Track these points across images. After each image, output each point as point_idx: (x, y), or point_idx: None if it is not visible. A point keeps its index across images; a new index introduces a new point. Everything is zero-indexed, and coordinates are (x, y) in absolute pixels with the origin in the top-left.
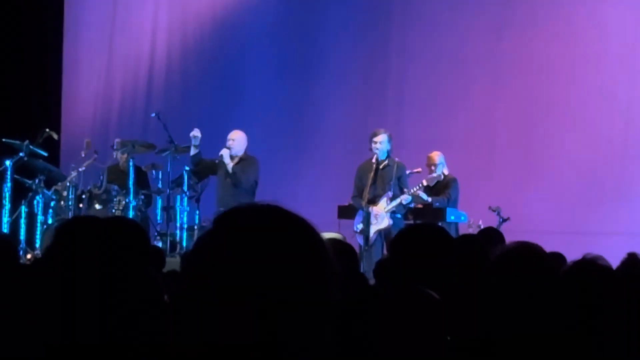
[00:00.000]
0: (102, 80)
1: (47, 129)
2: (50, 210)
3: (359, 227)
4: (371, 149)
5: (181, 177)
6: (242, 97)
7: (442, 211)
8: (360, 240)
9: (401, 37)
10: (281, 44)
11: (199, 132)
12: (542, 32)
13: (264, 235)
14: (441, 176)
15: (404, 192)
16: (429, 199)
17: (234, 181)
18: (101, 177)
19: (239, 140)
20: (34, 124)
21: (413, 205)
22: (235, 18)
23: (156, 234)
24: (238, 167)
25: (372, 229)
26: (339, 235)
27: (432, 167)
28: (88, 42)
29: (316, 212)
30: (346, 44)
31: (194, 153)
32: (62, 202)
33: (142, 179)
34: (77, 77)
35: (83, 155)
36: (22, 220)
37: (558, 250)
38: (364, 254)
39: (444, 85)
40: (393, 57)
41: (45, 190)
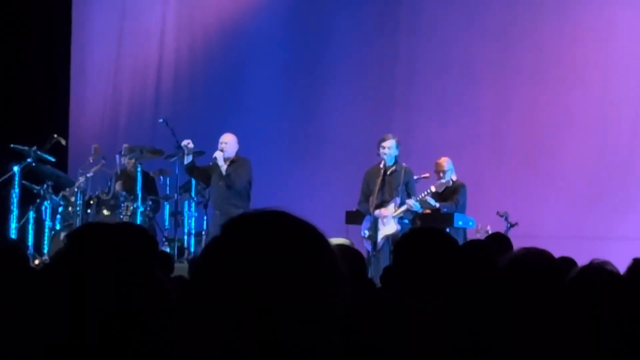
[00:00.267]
0: (110, 86)
1: (55, 135)
2: (58, 216)
3: (367, 232)
4: (379, 154)
5: (189, 182)
6: (249, 102)
7: (450, 216)
8: (368, 245)
9: (409, 43)
10: (289, 49)
11: (191, 143)
12: (550, 38)
13: (272, 241)
14: (450, 182)
15: (412, 197)
16: (437, 205)
17: (228, 183)
18: (109, 183)
19: (231, 142)
20: (41, 129)
21: (421, 211)
22: (242, 24)
23: (164, 239)
24: (231, 169)
25: (380, 235)
26: (346, 240)
27: (440, 174)
28: (96, 48)
29: (324, 217)
30: (354, 49)
31: (187, 162)
32: (70, 208)
33: (150, 185)
34: (85, 83)
35: (91, 161)
36: (30, 226)
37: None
38: (372, 259)
39: (452, 91)
40: (401, 62)
41: (53, 196)
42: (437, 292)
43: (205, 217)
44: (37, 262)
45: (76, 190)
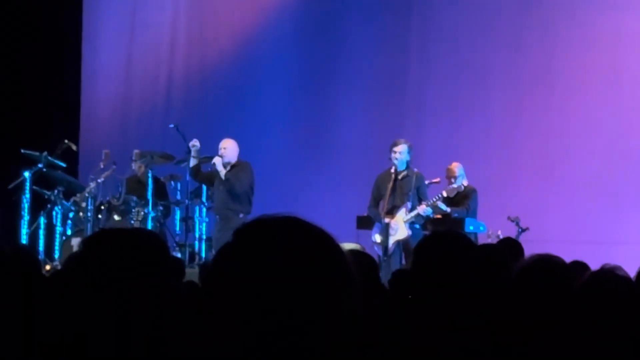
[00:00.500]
0: (120, 92)
1: (66, 140)
2: (69, 222)
3: (377, 237)
4: (391, 159)
5: (200, 188)
6: (260, 108)
7: (461, 221)
8: (379, 250)
9: (421, 48)
10: (300, 55)
11: (197, 142)
12: (561, 43)
13: (283, 246)
14: (461, 187)
15: (423, 202)
16: (448, 210)
17: (228, 188)
18: (120, 189)
19: (230, 148)
20: (52, 135)
21: (432, 216)
22: (254, 30)
23: (175, 244)
24: (231, 174)
25: (391, 240)
26: (357, 245)
27: (452, 179)
28: (106, 53)
29: (335, 222)
30: (366, 55)
31: (193, 164)
32: (80, 213)
33: (160, 190)
34: (96, 88)
35: (102, 166)
36: (41, 232)
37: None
38: (383, 264)
39: (464, 96)
40: (413, 68)
41: (64, 202)
42: (455, 294)
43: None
44: (48, 267)
45: (87, 195)
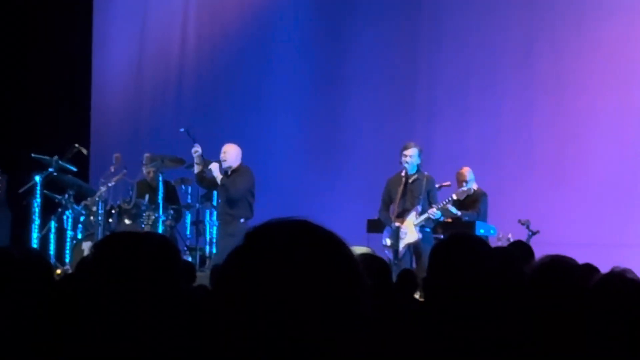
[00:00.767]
0: (131, 96)
1: (77, 144)
2: (80, 226)
3: (388, 241)
4: (401, 162)
5: (210, 191)
6: (271, 111)
7: (471, 225)
8: (390, 254)
9: (431, 52)
10: (311, 59)
11: (199, 148)
12: (573, 45)
13: (294, 250)
14: (471, 190)
15: (433, 206)
16: (459, 213)
17: (224, 193)
18: (130, 192)
19: (231, 153)
20: (63, 139)
21: (442, 219)
22: (264, 32)
23: (185, 248)
24: (228, 180)
25: (402, 243)
26: (368, 249)
27: (463, 183)
28: (116, 57)
29: (345, 226)
30: (376, 58)
31: (197, 171)
32: (91, 217)
33: (171, 194)
34: (106, 92)
35: (112, 170)
36: (52, 236)
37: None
38: (393, 267)
39: (474, 100)
40: (423, 71)
41: (74, 206)
42: (472, 298)
43: None
44: (59, 271)
45: (97, 199)
